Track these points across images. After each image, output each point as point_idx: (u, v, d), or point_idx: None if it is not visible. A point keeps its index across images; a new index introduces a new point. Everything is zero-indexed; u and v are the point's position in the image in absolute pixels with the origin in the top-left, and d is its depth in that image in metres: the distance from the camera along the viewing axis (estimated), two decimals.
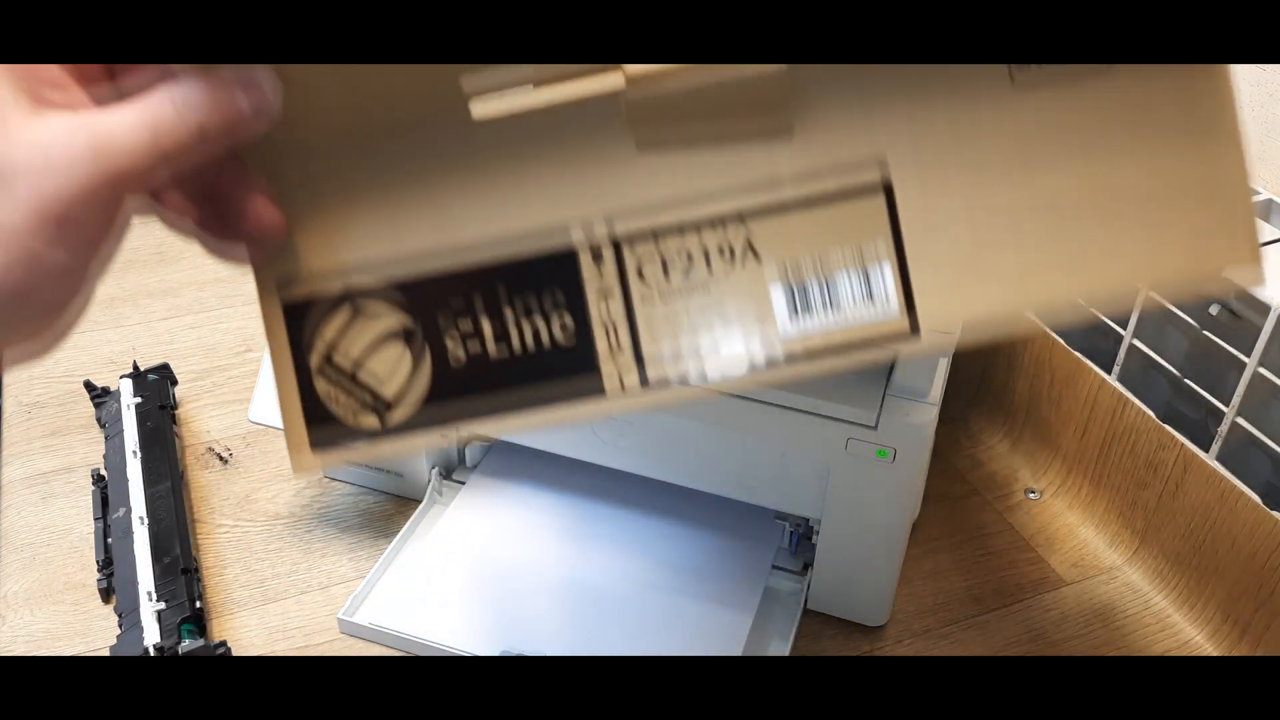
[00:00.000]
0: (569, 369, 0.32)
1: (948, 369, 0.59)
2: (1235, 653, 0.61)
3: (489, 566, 0.63)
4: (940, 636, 0.62)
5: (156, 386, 0.74)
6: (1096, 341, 0.71)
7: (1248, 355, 0.59)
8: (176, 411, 0.75)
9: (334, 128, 0.33)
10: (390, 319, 0.33)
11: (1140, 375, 0.68)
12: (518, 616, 0.60)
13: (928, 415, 0.55)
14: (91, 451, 0.72)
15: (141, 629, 0.56)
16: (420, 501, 0.68)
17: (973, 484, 0.74)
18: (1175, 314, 0.63)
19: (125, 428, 0.69)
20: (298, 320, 0.33)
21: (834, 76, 0.32)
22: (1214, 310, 0.62)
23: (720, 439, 0.60)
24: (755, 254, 0.32)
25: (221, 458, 0.73)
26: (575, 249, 0.32)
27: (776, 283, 0.32)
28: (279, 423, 0.34)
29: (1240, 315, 0.60)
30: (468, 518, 0.67)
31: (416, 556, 0.64)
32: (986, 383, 0.79)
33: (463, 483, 0.69)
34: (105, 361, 0.81)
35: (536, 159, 0.33)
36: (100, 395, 0.75)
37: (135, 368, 0.76)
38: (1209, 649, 0.62)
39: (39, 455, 0.72)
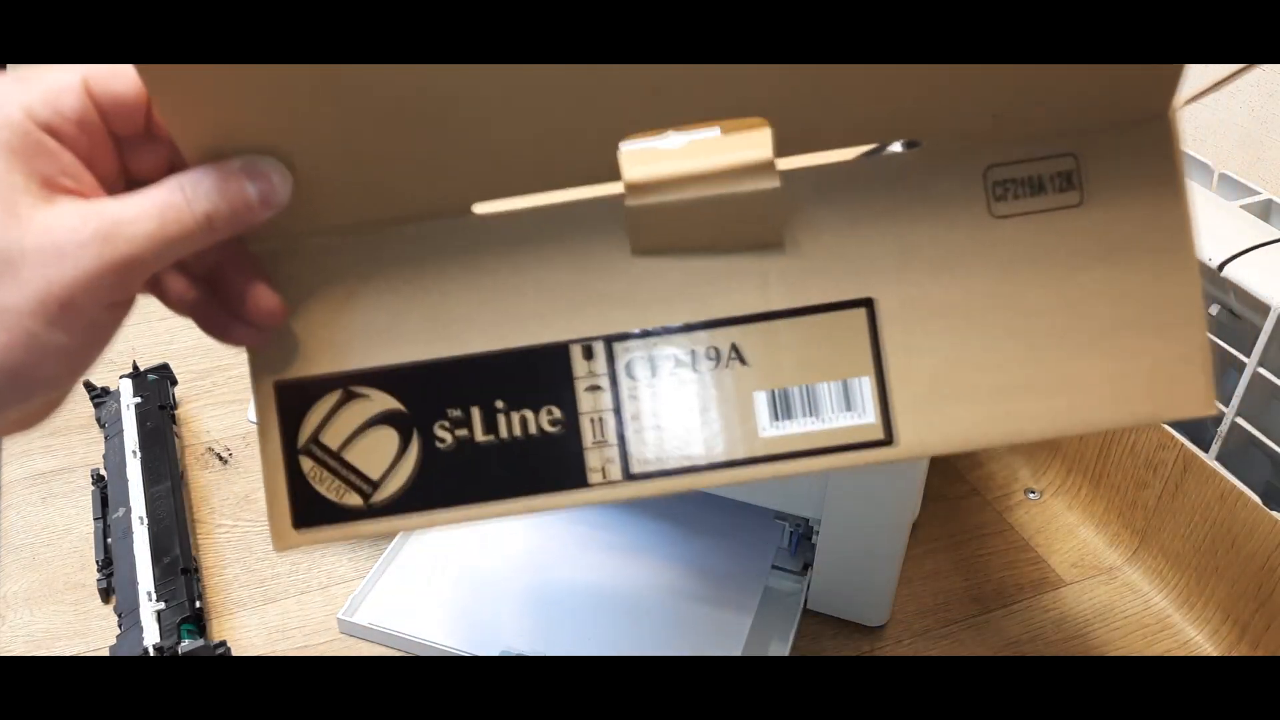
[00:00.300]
0: (554, 458, 0.33)
1: None
2: (1235, 653, 0.61)
3: (488, 566, 0.63)
4: (940, 636, 0.62)
5: (156, 386, 0.74)
6: None
7: (1248, 355, 0.59)
8: (176, 411, 0.75)
9: (337, 220, 0.33)
10: (380, 403, 0.33)
11: None
12: (517, 616, 0.60)
13: None
14: (91, 451, 0.72)
15: (141, 629, 0.56)
16: None
17: (972, 484, 0.74)
18: None
19: (125, 428, 0.69)
20: (289, 399, 0.34)
21: (824, 195, 0.33)
22: (1214, 310, 0.61)
23: None
24: (741, 358, 0.33)
25: (221, 458, 0.73)
26: (567, 344, 0.33)
27: (759, 387, 0.33)
28: None
29: (1240, 315, 0.60)
30: None
31: (416, 556, 0.64)
32: None
33: None
34: (105, 361, 0.80)
35: (535, 256, 0.34)
36: (100, 395, 0.75)
37: (135, 368, 0.76)
38: (1209, 649, 0.62)
39: (39, 455, 0.72)
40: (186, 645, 0.55)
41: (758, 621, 0.61)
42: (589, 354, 0.33)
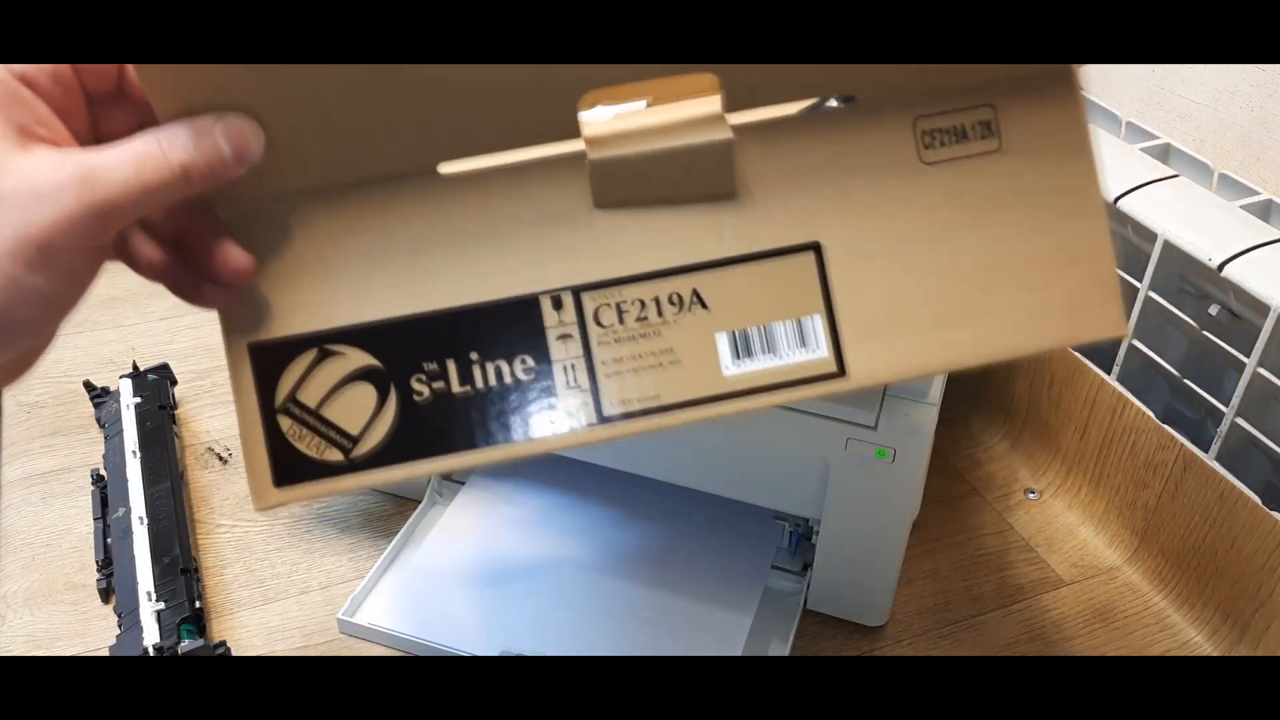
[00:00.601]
0: (531, 406, 0.34)
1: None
2: (1235, 653, 0.61)
3: (488, 566, 0.63)
4: (940, 636, 0.62)
5: (156, 386, 0.74)
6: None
7: (1247, 355, 0.59)
8: (176, 411, 0.75)
9: (304, 183, 0.34)
10: (356, 360, 0.34)
11: (1140, 375, 0.68)
12: (518, 616, 0.60)
13: (927, 415, 0.55)
14: (91, 451, 0.72)
15: (141, 629, 0.56)
16: (420, 501, 0.68)
17: (972, 484, 0.74)
18: (1175, 314, 0.64)
19: (125, 428, 0.69)
20: (264, 360, 0.34)
21: (771, 148, 0.36)
22: (1214, 310, 0.62)
23: (720, 439, 0.60)
24: (702, 303, 0.35)
25: (221, 458, 0.73)
26: (537, 296, 0.35)
27: (720, 329, 0.35)
28: None
29: (1240, 315, 0.60)
30: (468, 517, 0.67)
31: (416, 556, 0.64)
32: (986, 383, 0.79)
33: (463, 483, 0.69)
34: (105, 361, 0.81)
35: (502, 213, 0.35)
36: (100, 395, 0.75)
37: (135, 368, 0.76)
38: (1209, 649, 0.62)
39: (39, 455, 0.72)
40: (186, 645, 0.55)
41: (758, 621, 0.61)
42: (558, 304, 0.35)
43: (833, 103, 0.37)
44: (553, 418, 0.34)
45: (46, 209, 0.28)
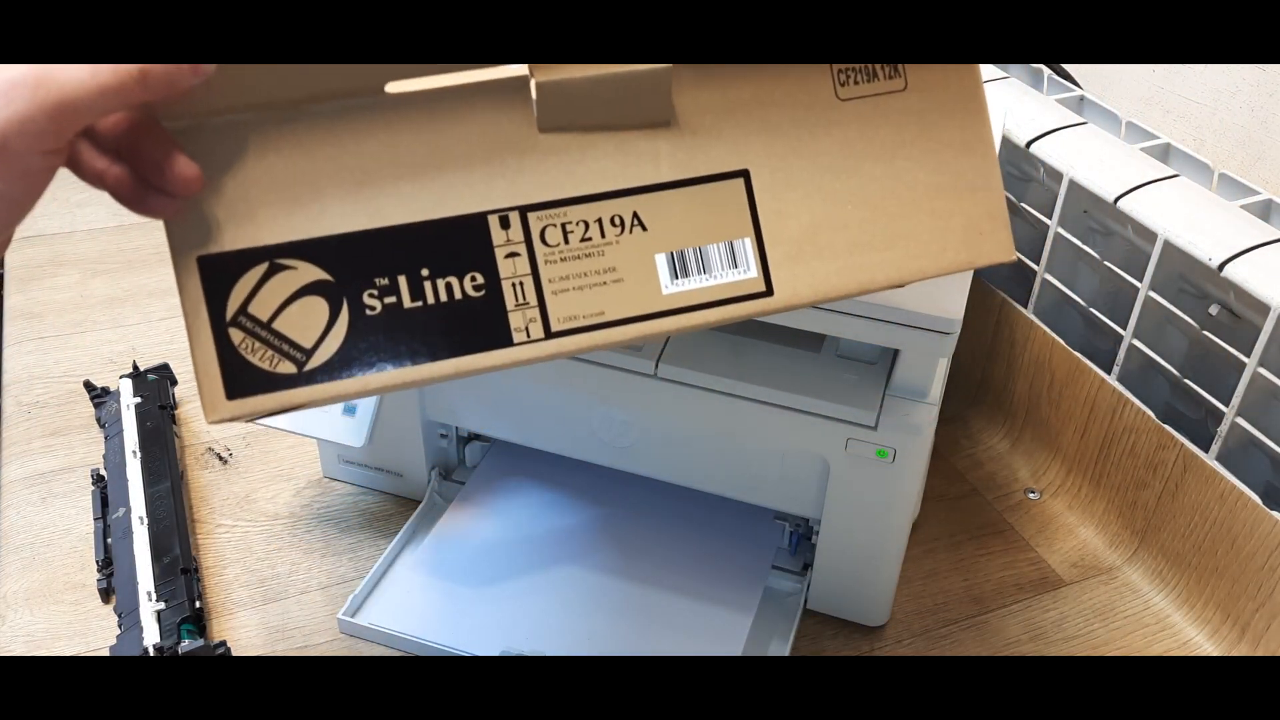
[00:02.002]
0: (481, 321, 0.36)
1: (947, 369, 0.59)
2: (1235, 653, 0.61)
3: (489, 566, 0.63)
4: (940, 636, 0.62)
5: (156, 386, 0.74)
6: (1096, 341, 0.71)
7: (1248, 355, 0.59)
8: (176, 411, 0.75)
9: (252, 98, 0.34)
10: (307, 274, 0.35)
11: (1140, 375, 0.68)
12: (518, 616, 0.60)
13: (928, 415, 0.55)
14: (91, 451, 0.72)
15: (141, 629, 0.56)
16: (420, 501, 0.68)
17: (973, 484, 0.74)
18: (1175, 314, 0.64)
19: (125, 428, 0.69)
20: (213, 274, 0.34)
21: (704, 82, 0.38)
22: (1214, 310, 0.62)
23: (720, 440, 0.60)
24: (642, 225, 0.37)
25: (221, 458, 0.73)
26: (485, 215, 0.36)
27: (659, 250, 0.37)
28: (280, 423, 0.34)
29: (1240, 315, 0.60)
30: (468, 518, 0.67)
31: (416, 556, 0.64)
32: (986, 383, 0.79)
33: (462, 483, 0.69)
34: (105, 361, 0.81)
35: (450, 134, 0.36)
36: (100, 395, 0.75)
37: (135, 368, 0.76)
38: (1209, 649, 0.62)
39: (39, 455, 0.72)
40: (186, 645, 0.55)
41: (758, 621, 0.61)
42: (505, 223, 0.36)
43: None
44: (502, 332, 0.36)
45: (0, 107, 0.29)
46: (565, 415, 0.63)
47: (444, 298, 0.35)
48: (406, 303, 0.35)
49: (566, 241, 0.36)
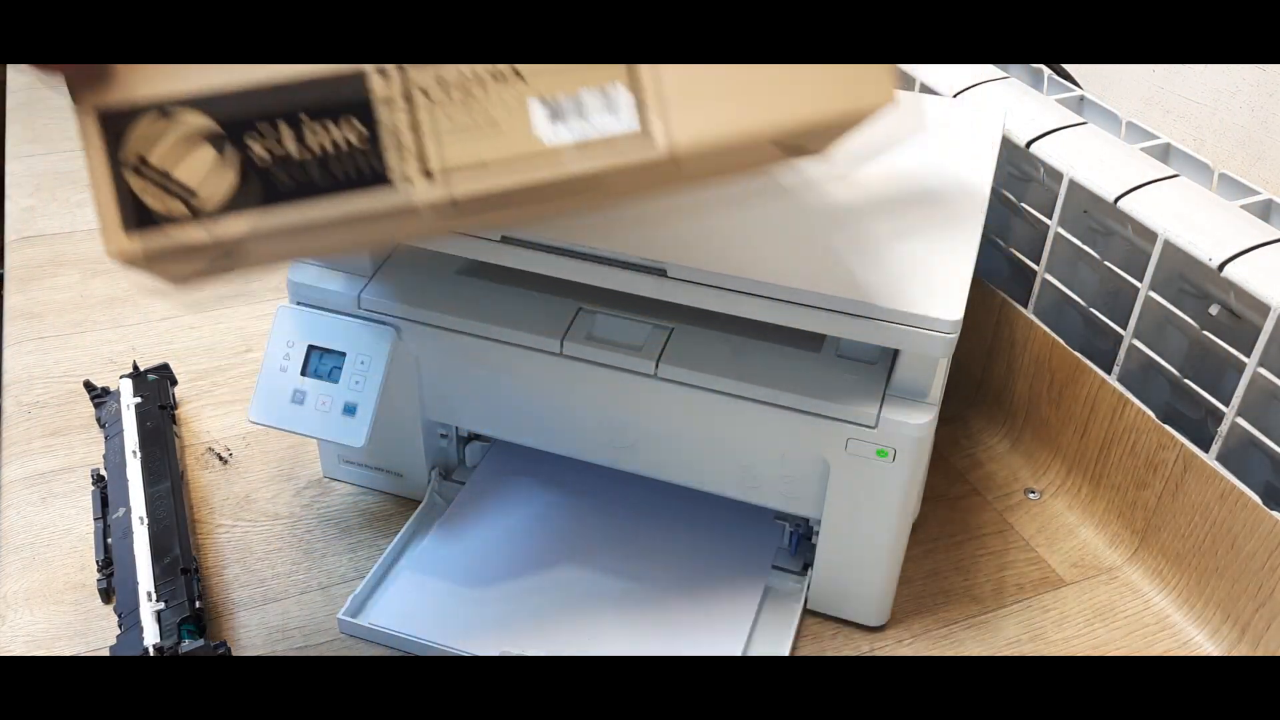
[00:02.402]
0: (365, 166, 0.38)
1: (947, 369, 0.59)
2: (1235, 653, 0.61)
3: (488, 566, 0.63)
4: (940, 636, 0.62)
5: (156, 386, 0.74)
6: (1096, 341, 0.71)
7: (1248, 355, 0.59)
8: (176, 411, 0.75)
9: None
10: (198, 123, 0.37)
11: (1140, 375, 0.68)
12: (518, 616, 0.60)
13: (928, 415, 0.55)
14: (91, 451, 0.72)
15: (141, 629, 0.56)
16: (420, 501, 0.68)
17: (973, 484, 0.74)
18: (1175, 314, 0.64)
19: (125, 428, 0.69)
20: (111, 124, 0.37)
21: None
22: (1214, 310, 0.62)
23: (720, 440, 0.60)
24: (520, 76, 0.38)
25: (221, 458, 0.73)
26: (364, 69, 0.38)
27: (536, 98, 0.38)
28: (279, 423, 0.34)
29: (1240, 315, 0.60)
30: (468, 517, 0.67)
31: (416, 557, 0.64)
32: (986, 383, 0.79)
33: (462, 483, 0.69)
34: (105, 361, 0.81)
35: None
36: (100, 395, 0.75)
37: (135, 368, 0.76)
38: (1209, 649, 0.62)
39: (39, 455, 0.72)
40: (186, 645, 0.55)
41: (758, 621, 0.61)
42: (384, 75, 0.38)
43: None
44: (382, 178, 0.38)
45: None
46: (565, 415, 0.63)
47: (328, 146, 0.38)
48: (293, 152, 0.37)
49: (445, 92, 0.38)
